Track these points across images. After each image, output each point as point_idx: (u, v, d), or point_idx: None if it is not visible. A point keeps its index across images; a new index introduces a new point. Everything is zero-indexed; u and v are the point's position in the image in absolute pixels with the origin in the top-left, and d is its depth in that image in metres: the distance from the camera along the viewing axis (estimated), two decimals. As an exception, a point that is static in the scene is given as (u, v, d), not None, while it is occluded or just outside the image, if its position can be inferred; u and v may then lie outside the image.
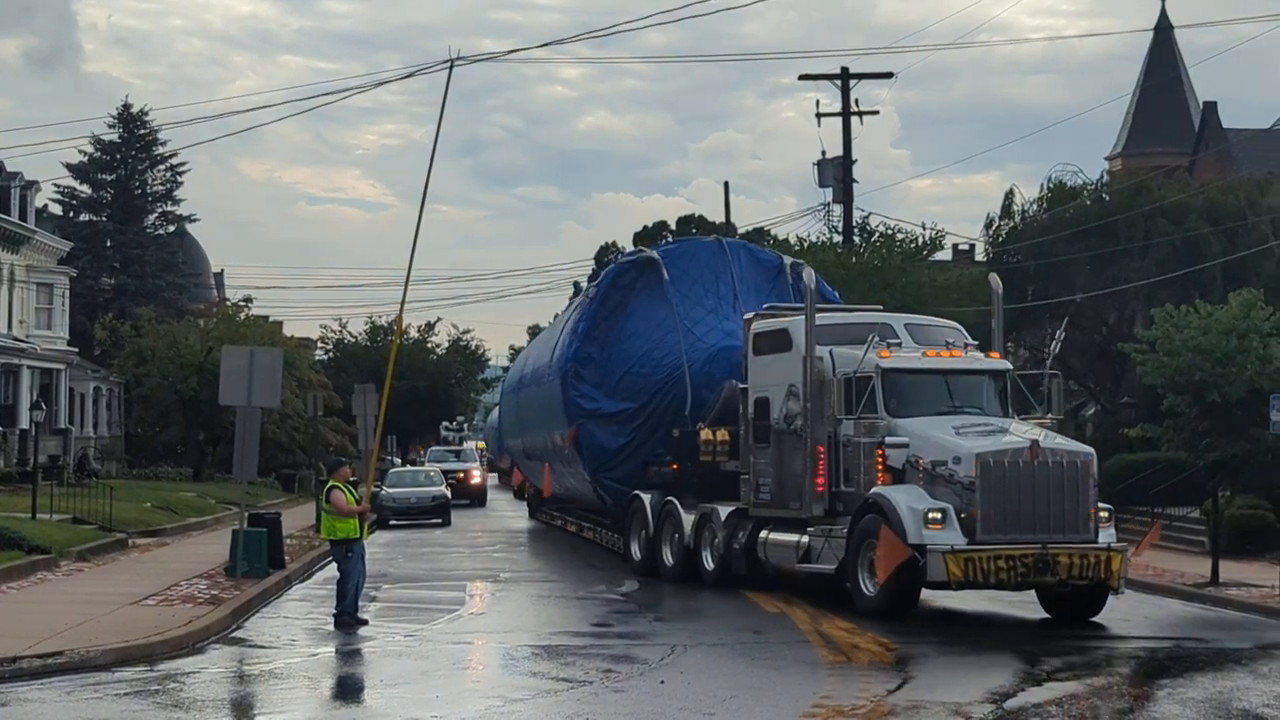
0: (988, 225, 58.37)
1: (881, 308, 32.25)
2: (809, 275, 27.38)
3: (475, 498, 65.58)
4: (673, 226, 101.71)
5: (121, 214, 79.07)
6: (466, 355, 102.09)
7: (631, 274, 33.38)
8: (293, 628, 23.51)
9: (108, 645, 19.41)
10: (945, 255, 66.19)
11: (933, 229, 61.04)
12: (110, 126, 79.52)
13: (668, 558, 30.43)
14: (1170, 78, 73.90)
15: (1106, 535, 23.39)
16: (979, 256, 63.66)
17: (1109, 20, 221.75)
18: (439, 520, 50.44)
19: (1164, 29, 74.81)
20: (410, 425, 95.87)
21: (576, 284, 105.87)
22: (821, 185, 53.16)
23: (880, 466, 23.95)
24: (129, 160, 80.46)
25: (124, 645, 19.60)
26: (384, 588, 28.53)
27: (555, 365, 34.78)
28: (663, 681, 17.67)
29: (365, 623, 22.91)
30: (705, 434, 29.52)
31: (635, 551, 32.02)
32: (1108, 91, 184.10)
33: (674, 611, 25.28)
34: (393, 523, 49.33)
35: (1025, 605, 24.79)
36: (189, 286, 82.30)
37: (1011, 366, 26.62)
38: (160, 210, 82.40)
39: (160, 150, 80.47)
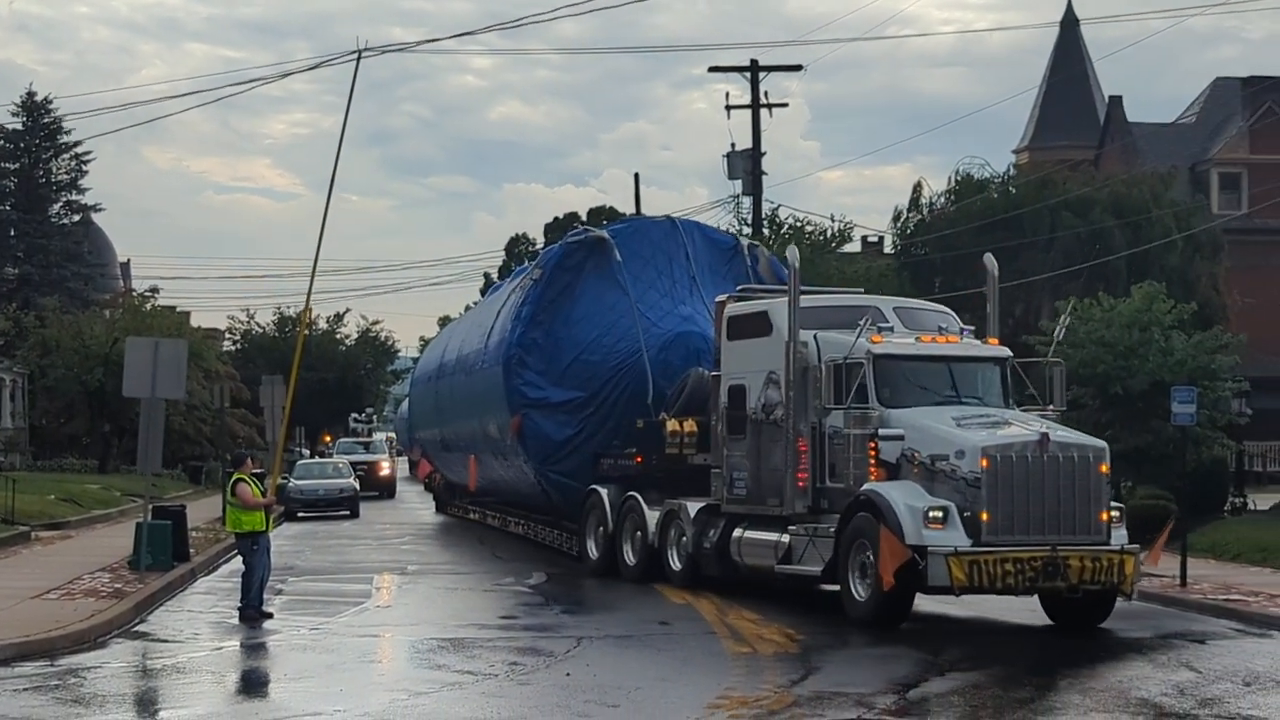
0: (896, 218, 58.71)
1: (863, 291, 30.64)
2: (792, 254, 25.21)
3: (384, 490, 65.34)
4: (584, 218, 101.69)
5: (25, 203, 78.13)
6: (376, 346, 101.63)
7: (580, 254, 31.50)
8: (197, 621, 23.34)
9: (6, 640, 19.20)
10: (855, 247, 66.54)
11: (842, 221, 61.44)
12: (13, 114, 78.58)
13: (629, 557, 28.52)
14: (1076, 72, 74.46)
15: (1119, 536, 21.72)
16: (888, 249, 64.03)
17: (1017, 14, 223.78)
18: (347, 512, 50.21)
19: (1070, 24, 75.33)
20: (319, 417, 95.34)
21: (486, 275, 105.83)
22: (731, 177, 53.29)
23: (873, 460, 22.17)
24: (33, 149, 79.53)
25: (23, 640, 19.39)
26: (290, 580, 28.39)
27: (494, 351, 33.14)
28: (568, 674, 17.69)
29: (270, 616, 22.79)
30: (672, 425, 27.70)
31: (591, 550, 29.98)
32: (1016, 85, 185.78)
33: (582, 604, 25.28)
34: (300, 515, 49.09)
35: (936, 601, 24.90)
36: (94, 276, 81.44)
37: (1012, 354, 24.73)
38: (65, 199, 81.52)
39: (65, 139, 79.60)
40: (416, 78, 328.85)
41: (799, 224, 58.20)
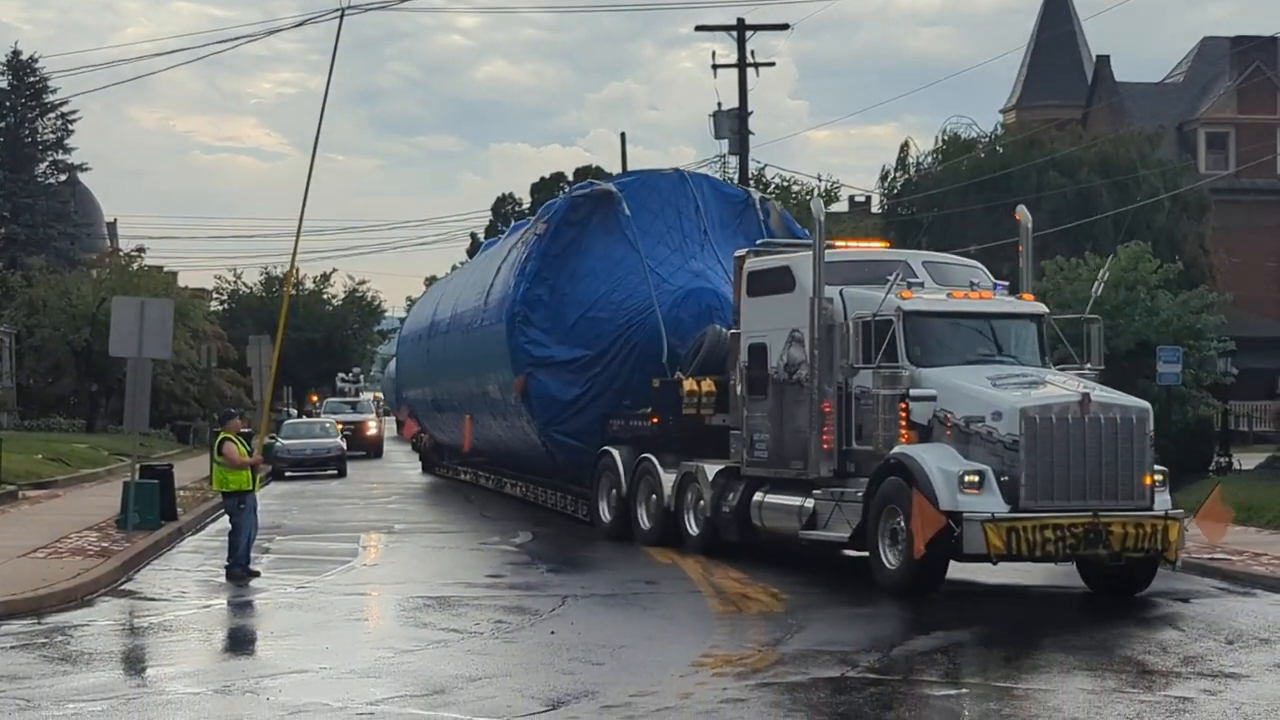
0: (883, 177, 58.81)
1: (888, 244, 29.43)
2: (817, 206, 23.96)
3: (371, 449, 65.48)
4: (570, 177, 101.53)
5: (11, 162, 77.96)
6: (363, 306, 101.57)
7: (586, 208, 30.53)
8: (184, 580, 23.42)
9: (-7, 599, 19.24)
10: (842, 207, 66.66)
11: (828, 181, 61.50)
12: (-1, 74, 78.38)
13: (643, 521, 27.57)
14: (1064, 31, 74.37)
15: (1162, 501, 20.69)
16: (875, 209, 64.13)
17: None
18: (334, 472, 50.34)
19: (1059, -18, 75.31)
20: (306, 377, 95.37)
21: (473, 234, 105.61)
22: (717, 137, 53.17)
23: (904, 422, 21.09)
24: (19, 108, 79.37)
25: (10, 598, 19.45)
26: (277, 539, 28.44)
27: (495, 309, 32.28)
28: (553, 632, 17.75)
29: (257, 574, 22.85)
30: (689, 384, 26.67)
31: (604, 513, 29.07)
32: (1004, 44, 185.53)
33: (568, 562, 25.33)
34: (288, 474, 49.16)
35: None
36: (81, 236, 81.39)
37: (1048, 310, 23.67)
38: (51, 159, 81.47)
39: (51, 98, 79.44)
40: (403, 36, 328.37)
41: (786, 184, 58.32)
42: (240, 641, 18.56)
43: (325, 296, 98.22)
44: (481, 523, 32.58)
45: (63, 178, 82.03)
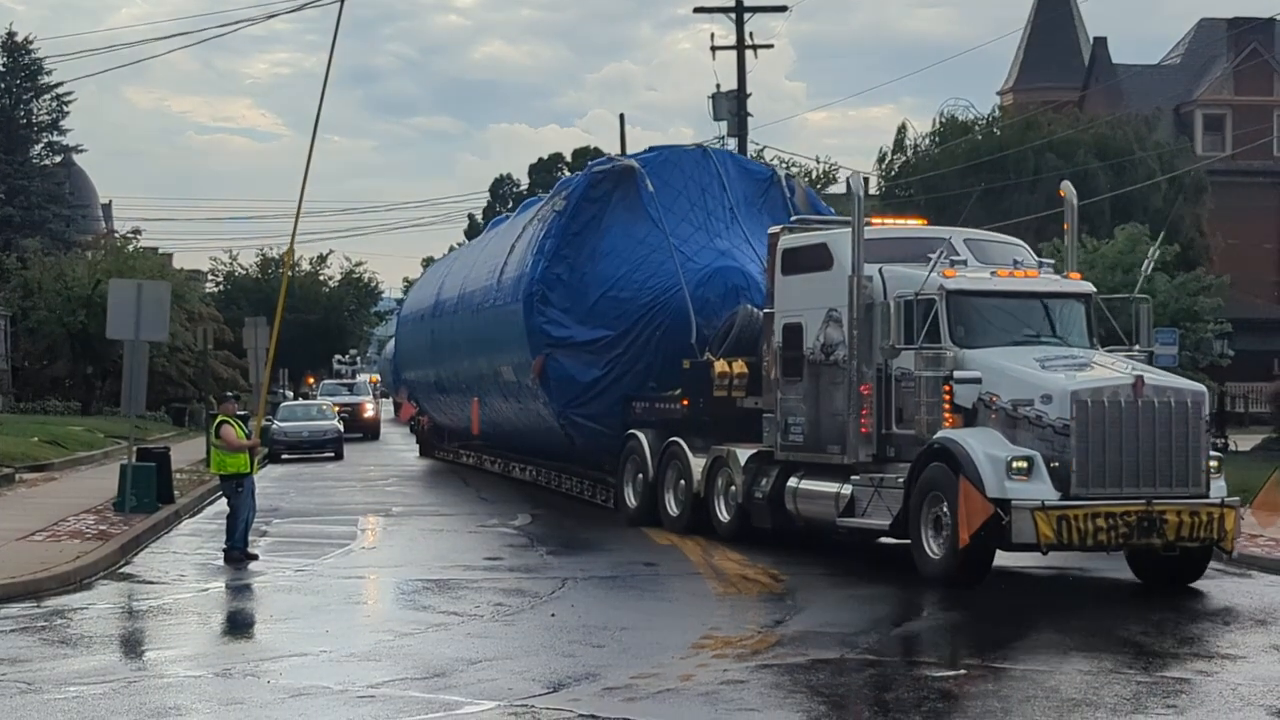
0: (880, 159, 58.81)
1: (926, 221, 28.22)
2: (856, 181, 22.94)
3: (368, 431, 65.48)
4: (568, 159, 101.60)
5: (6, 144, 77.84)
6: (360, 288, 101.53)
7: (606, 184, 29.62)
8: (182, 563, 23.43)
9: (-7, 582, 19.25)
10: (840, 189, 66.54)
11: (827, 162, 61.49)
12: (-6, 55, 78.31)
13: (671, 507, 26.68)
14: (1061, 12, 74.28)
15: (1218, 488, 19.86)
16: (873, 190, 64.08)
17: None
18: (331, 454, 50.27)
19: (1055, -36, 75.21)
20: (303, 359, 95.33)
21: (471, 216, 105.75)
22: (716, 119, 53.12)
23: (947, 405, 20.27)
24: (13, 89, 79.30)
25: (9, 581, 19.46)
26: (275, 522, 28.44)
27: (510, 288, 31.52)
28: (553, 614, 17.77)
29: (255, 557, 22.86)
30: (720, 366, 25.80)
31: (629, 498, 28.16)
32: (1001, 25, 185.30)
33: (567, 544, 25.32)
34: (285, 457, 49.15)
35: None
36: (76, 218, 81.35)
37: (1095, 289, 22.83)
38: (46, 140, 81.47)
39: (46, 79, 79.30)
40: (401, 17, 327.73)
41: (785, 165, 58.08)
42: (239, 624, 18.58)
43: (322, 278, 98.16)
44: (480, 505, 32.58)
45: (58, 159, 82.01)
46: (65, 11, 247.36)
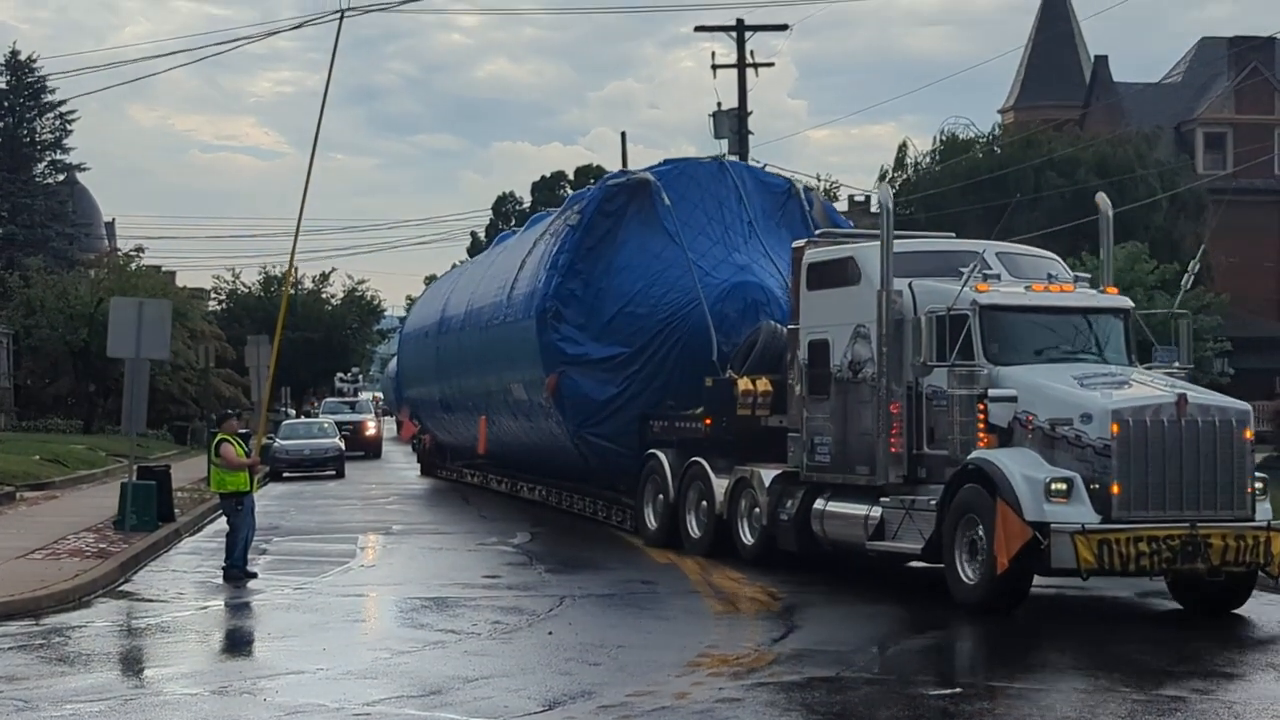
0: (881, 177, 58.90)
1: (954, 235, 27.29)
2: (884, 192, 22.18)
3: (370, 450, 65.36)
4: (571, 176, 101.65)
5: (9, 162, 77.94)
6: (362, 306, 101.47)
7: (621, 198, 29.10)
8: (181, 581, 23.46)
9: (-8, 600, 19.28)
10: (841, 206, 66.60)
11: (828, 180, 61.57)
12: (-3, 74, 78.51)
13: (693, 529, 25.86)
14: (1062, 31, 74.42)
15: (1263, 511, 19.07)
16: (873, 208, 64.16)
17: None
18: (333, 472, 50.21)
19: (1057, -17, 75.35)
20: (305, 377, 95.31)
21: (474, 234, 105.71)
22: (717, 137, 53.14)
23: (982, 424, 19.56)
24: (17, 108, 79.39)
25: (8, 599, 19.48)
26: (274, 540, 28.46)
27: (521, 304, 30.95)
28: (550, 632, 17.79)
29: (254, 575, 22.88)
30: (744, 384, 25.04)
31: (649, 520, 27.37)
32: (1003, 43, 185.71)
33: (566, 563, 25.31)
34: (286, 475, 49.11)
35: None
36: (79, 236, 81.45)
37: (1133, 304, 22.16)
38: (49, 159, 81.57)
39: (49, 97, 79.46)
40: (404, 35, 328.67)
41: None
42: (237, 642, 18.60)
43: (324, 296, 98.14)
44: (479, 523, 32.59)
45: (61, 178, 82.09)
46: (69, 30, 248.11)
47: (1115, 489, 18.42)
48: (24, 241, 75.75)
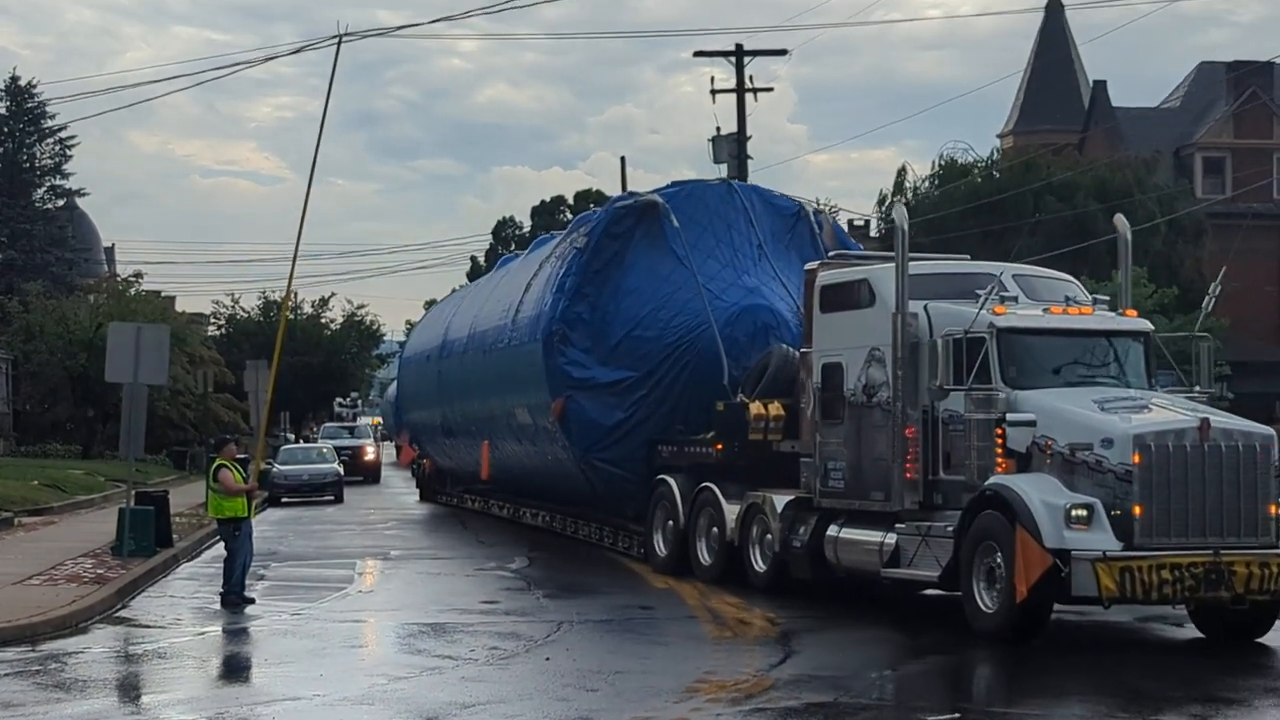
0: (880, 201, 58.95)
1: (969, 257, 26.67)
2: (900, 213, 21.50)
3: (369, 474, 65.31)
4: (570, 201, 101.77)
5: (9, 188, 78.04)
6: (361, 330, 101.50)
7: (629, 220, 28.80)
8: (179, 607, 23.39)
9: (-12, 626, 19.23)
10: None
11: (827, 204, 61.57)
12: (-3, 99, 78.67)
13: (703, 556, 25.54)
14: (1061, 56, 74.56)
15: None
16: (873, 233, 64.24)
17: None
18: (331, 498, 50.15)
19: (1055, 8, 75.40)
20: (304, 401, 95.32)
21: (474, 258, 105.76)
22: (716, 161, 53.13)
23: (1000, 449, 19.22)
24: (17, 133, 79.54)
25: (5, 625, 19.43)
26: (272, 566, 28.40)
27: (526, 327, 30.66)
28: (548, 658, 17.74)
29: (252, 601, 22.83)
30: (756, 408, 24.50)
31: (659, 546, 26.99)
32: (1002, 68, 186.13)
33: (564, 588, 25.26)
34: (284, 500, 49.02)
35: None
36: (79, 261, 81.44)
37: (1153, 327, 21.85)
38: (49, 184, 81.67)
39: (49, 123, 79.63)
40: (404, 60, 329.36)
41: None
42: (235, 668, 18.55)
43: (323, 321, 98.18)
44: (478, 548, 32.52)
45: (61, 203, 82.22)
46: (69, 55, 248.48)
47: (1137, 515, 18.10)
48: (23, 267, 75.78)
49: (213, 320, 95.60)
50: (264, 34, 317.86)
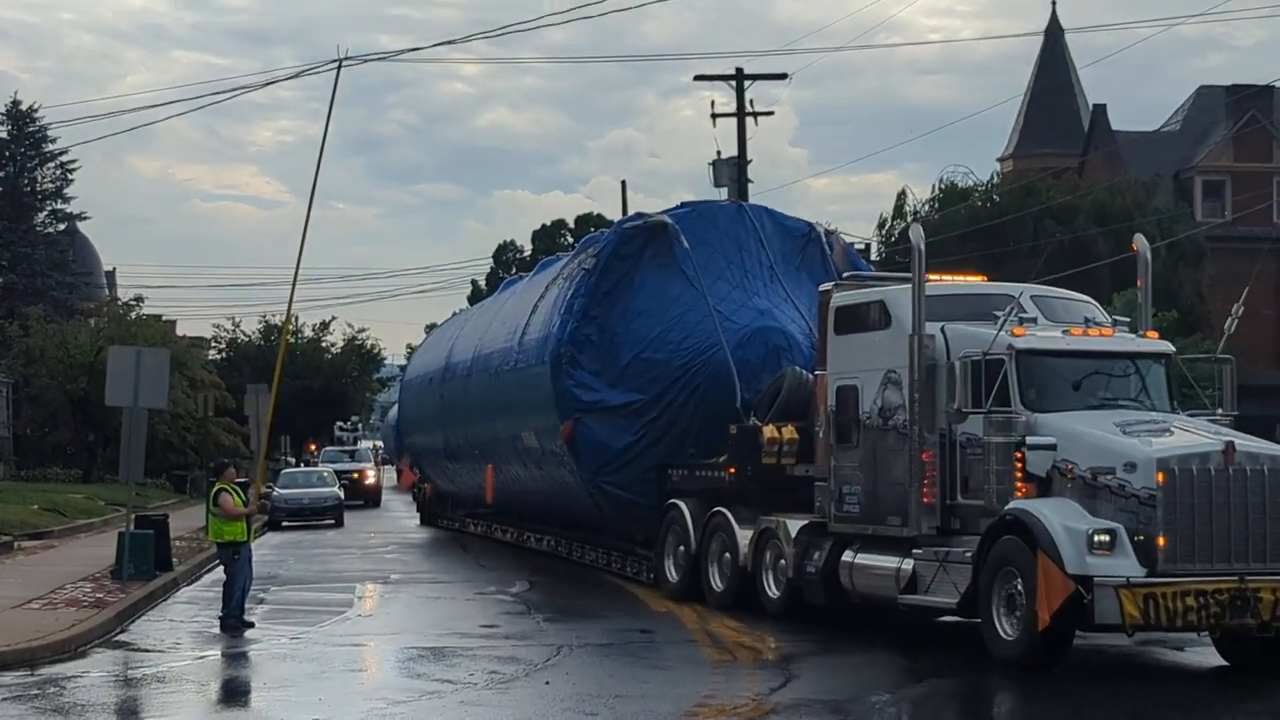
0: (880, 225, 58.99)
1: (985, 278, 25.93)
2: (916, 233, 21.21)
3: (370, 498, 65.31)
4: (571, 225, 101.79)
5: (10, 212, 78.13)
6: (362, 354, 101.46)
7: (638, 241, 28.37)
8: (178, 631, 23.38)
9: (-13, 650, 19.21)
10: (840, 255, 66.66)
11: (826, 228, 61.53)
12: (-2, 123, 78.78)
13: (715, 582, 25.13)
14: (1061, 79, 74.64)
15: None
16: (873, 256, 64.27)
17: (1003, 21, 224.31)
18: (332, 521, 50.14)
19: (1054, 31, 75.55)
20: (305, 425, 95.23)
21: (474, 282, 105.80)
22: (717, 185, 53.18)
23: (1019, 473, 18.85)
24: (18, 158, 79.66)
25: (4, 649, 19.41)
26: (272, 589, 28.38)
27: (533, 349, 30.32)
28: (547, 682, 17.73)
29: (251, 625, 22.80)
30: (769, 431, 24.10)
31: (670, 572, 26.55)
32: (1002, 92, 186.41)
33: (564, 612, 25.23)
34: (285, 524, 49.02)
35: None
36: (80, 285, 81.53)
37: (1175, 349, 21.56)
38: (50, 208, 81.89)
39: (50, 147, 79.72)
40: (405, 85, 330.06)
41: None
42: (234, 693, 18.52)
43: (324, 345, 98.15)
44: (478, 572, 32.51)
45: (62, 227, 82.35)
46: (70, 80, 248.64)
47: (1161, 541, 17.71)
48: (24, 290, 75.83)
49: (213, 344, 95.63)
50: (264, 58, 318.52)
